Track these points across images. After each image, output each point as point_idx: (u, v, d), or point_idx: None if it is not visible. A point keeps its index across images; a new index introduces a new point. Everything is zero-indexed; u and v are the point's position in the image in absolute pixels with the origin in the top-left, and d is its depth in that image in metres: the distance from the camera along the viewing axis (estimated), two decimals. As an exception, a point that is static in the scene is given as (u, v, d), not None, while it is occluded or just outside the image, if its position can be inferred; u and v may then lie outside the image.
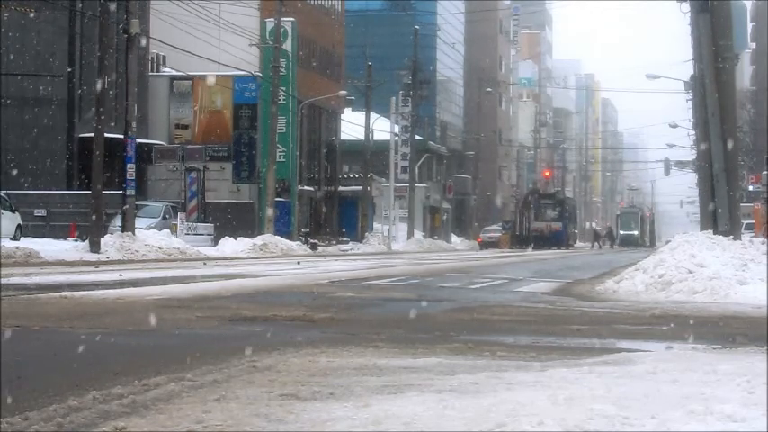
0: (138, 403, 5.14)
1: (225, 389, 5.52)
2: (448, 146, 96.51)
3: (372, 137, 66.10)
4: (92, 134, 34.96)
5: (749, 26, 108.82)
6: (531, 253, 59.36)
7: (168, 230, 39.62)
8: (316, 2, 66.95)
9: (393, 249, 59.25)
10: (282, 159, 54.18)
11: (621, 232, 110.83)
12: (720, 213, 18.56)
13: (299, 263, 30.53)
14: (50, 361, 6.99)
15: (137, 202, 36.87)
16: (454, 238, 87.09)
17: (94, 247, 31.71)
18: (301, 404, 4.99)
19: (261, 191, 52.26)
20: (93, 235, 32.31)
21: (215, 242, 44.01)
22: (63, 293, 13.32)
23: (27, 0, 44.90)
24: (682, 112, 77.29)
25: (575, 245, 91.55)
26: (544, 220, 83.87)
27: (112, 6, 35.02)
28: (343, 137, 70.43)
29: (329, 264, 31.18)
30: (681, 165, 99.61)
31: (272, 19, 51.65)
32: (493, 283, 20.51)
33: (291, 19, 54.87)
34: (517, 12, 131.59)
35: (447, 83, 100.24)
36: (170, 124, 55.28)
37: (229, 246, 41.39)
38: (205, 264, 28.74)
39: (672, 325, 10.84)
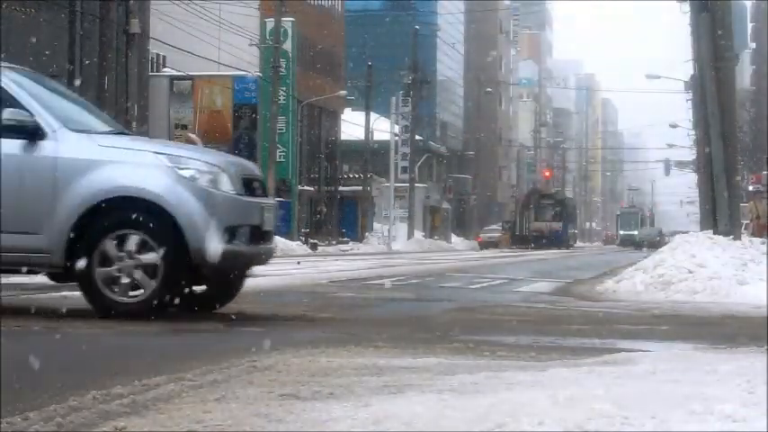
0: (138, 403, 5.14)
1: (225, 389, 5.52)
2: (448, 146, 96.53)
3: (372, 137, 66.12)
4: (92, 134, 34.96)
5: (749, 26, 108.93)
6: (531, 253, 59.38)
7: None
8: (316, 2, 66.98)
9: (393, 249, 59.25)
10: (282, 159, 54.20)
11: (621, 232, 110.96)
12: (720, 213, 18.57)
13: (299, 263, 30.50)
14: (50, 361, 6.99)
15: (137, 203, 36.85)
16: (454, 238, 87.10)
17: (94, 247, 31.69)
18: (301, 404, 4.99)
19: (261, 191, 52.21)
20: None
21: (215, 242, 43.98)
22: (63, 293, 13.31)
23: (27, 0, 44.90)
24: (682, 112, 77.40)
25: (575, 245, 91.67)
26: (544, 219, 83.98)
27: (112, 6, 35.05)
28: (343, 137, 70.47)
29: (329, 264, 31.17)
30: (681, 165, 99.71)
31: (271, 19, 51.67)
32: (493, 283, 20.50)
33: (291, 19, 54.90)
34: (517, 12, 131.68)
35: (447, 83, 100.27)
36: (170, 124, 55.28)
37: (229, 246, 41.35)
38: (205, 264, 28.64)
39: (672, 325, 10.84)
